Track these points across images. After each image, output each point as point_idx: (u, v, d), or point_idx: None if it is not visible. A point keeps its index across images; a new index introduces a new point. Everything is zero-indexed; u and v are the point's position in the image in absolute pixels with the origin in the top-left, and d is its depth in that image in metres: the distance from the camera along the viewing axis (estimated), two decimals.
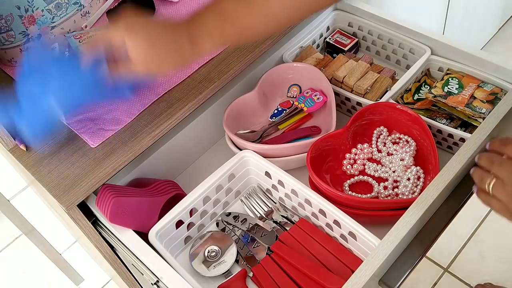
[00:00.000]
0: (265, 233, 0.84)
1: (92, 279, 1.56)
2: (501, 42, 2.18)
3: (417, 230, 0.74)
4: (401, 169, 0.87)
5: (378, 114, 0.90)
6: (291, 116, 0.98)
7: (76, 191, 0.78)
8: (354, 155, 0.91)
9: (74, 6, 0.96)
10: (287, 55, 1.02)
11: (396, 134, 0.90)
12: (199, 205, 0.84)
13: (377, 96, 0.95)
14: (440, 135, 0.90)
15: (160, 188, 0.84)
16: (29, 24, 0.91)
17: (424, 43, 0.99)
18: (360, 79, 0.97)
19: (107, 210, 0.76)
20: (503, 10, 2.11)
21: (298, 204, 0.85)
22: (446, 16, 1.68)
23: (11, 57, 0.96)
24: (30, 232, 1.35)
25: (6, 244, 1.45)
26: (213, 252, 0.83)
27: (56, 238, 1.43)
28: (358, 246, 0.77)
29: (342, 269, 0.77)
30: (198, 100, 0.87)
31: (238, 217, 0.88)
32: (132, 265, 0.86)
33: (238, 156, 0.87)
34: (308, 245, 0.81)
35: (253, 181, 0.92)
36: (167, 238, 0.81)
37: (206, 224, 0.89)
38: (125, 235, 0.79)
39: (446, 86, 0.94)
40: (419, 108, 0.94)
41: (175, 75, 0.90)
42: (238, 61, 0.91)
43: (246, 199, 0.90)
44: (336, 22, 1.12)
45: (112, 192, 0.77)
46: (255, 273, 0.80)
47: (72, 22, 0.97)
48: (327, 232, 0.83)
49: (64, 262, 1.48)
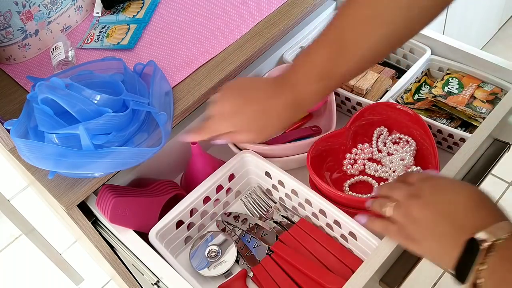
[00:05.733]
0: (265, 233, 0.84)
1: (92, 279, 1.56)
2: (501, 42, 2.18)
3: None
4: (402, 169, 0.87)
5: (378, 114, 0.90)
6: None
7: (76, 191, 0.78)
8: (355, 155, 0.91)
9: (68, 0, 0.96)
10: (287, 55, 1.02)
11: (396, 134, 0.90)
12: (200, 205, 0.84)
13: (377, 96, 0.95)
14: (440, 135, 0.90)
15: (160, 188, 0.84)
16: (27, 20, 0.91)
17: (424, 43, 0.99)
18: (360, 79, 0.97)
19: (108, 210, 0.76)
20: (503, 10, 2.11)
21: (298, 204, 0.85)
22: (446, 16, 1.68)
23: (9, 54, 0.97)
24: (30, 232, 1.35)
25: (6, 244, 1.45)
26: (214, 252, 0.82)
27: (56, 238, 1.43)
28: (358, 246, 0.77)
29: (343, 269, 0.77)
30: (198, 100, 0.87)
31: (238, 217, 0.88)
32: (132, 265, 0.86)
33: (238, 156, 0.87)
34: (308, 245, 0.81)
35: (253, 181, 0.92)
36: (167, 238, 0.81)
37: (207, 224, 0.89)
38: (126, 235, 0.79)
39: (446, 86, 0.94)
40: (419, 108, 0.94)
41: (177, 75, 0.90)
42: (238, 61, 0.91)
43: (246, 199, 0.90)
44: None
45: (112, 192, 0.77)
46: (255, 273, 0.80)
47: (67, 17, 0.98)
48: (328, 232, 0.83)
49: (64, 262, 1.48)
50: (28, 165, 0.81)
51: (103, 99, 0.75)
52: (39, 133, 0.74)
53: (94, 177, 0.78)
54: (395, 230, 0.62)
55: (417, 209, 0.60)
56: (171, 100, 0.86)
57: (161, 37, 0.99)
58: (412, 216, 0.60)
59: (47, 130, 0.72)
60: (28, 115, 0.77)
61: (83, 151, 0.71)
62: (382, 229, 0.65)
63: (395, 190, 0.65)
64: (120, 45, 0.98)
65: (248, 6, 1.01)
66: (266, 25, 0.97)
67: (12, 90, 0.94)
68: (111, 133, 0.74)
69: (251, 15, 0.99)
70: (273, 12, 0.99)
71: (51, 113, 0.73)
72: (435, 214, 0.58)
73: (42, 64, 0.99)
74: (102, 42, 0.99)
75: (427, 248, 0.58)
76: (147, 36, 1.00)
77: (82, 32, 1.04)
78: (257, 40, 0.95)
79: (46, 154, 0.71)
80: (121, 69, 0.84)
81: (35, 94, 0.74)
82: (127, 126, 0.76)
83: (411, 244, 0.60)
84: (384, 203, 0.64)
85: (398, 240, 0.64)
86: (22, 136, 0.74)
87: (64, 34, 1.03)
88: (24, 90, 0.94)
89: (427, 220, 0.58)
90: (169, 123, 0.81)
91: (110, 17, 1.05)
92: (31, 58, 1.00)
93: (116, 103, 0.76)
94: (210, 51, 0.94)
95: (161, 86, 0.85)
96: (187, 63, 0.93)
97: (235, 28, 0.97)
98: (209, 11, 1.02)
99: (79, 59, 0.98)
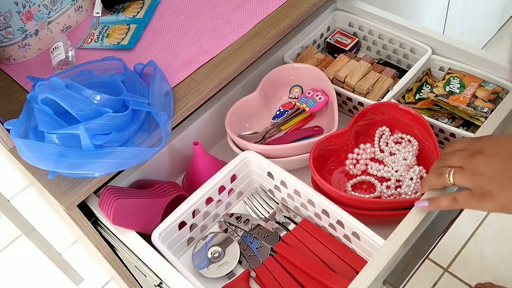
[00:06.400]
0: (268, 234, 0.84)
1: (92, 279, 1.55)
2: (501, 42, 2.19)
3: (421, 230, 0.74)
4: (404, 168, 0.87)
5: (380, 114, 0.90)
6: (293, 117, 0.98)
7: (76, 191, 0.78)
8: (357, 155, 0.90)
9: (68, 0, 0.96)
10: (287, 55, 1.02)
11: (398, 134, 0.90)
12: (202, 206, 0.84)
13: (379, 96, 0.94)
14: (442, 134, 0.90)
15: (162, 190, 0.84)
16: (27, 20, 0.91)
17: (425, 43, 0.99)
18: (361, 79, 0.96)
19: (110, 212, 0.75)
20: (503, 10, 2.11)
21: (300, 204, 0.85)
22: (446, 16, 1.68)
23: (9, 54, 0.96)
24: (30, 232, 1.34)
25: (6, 244, 1.45)
26: (216, 253, 0.82)
27: (56, 238, 1.43)
28: (361, 246, 0.77)
29: (346, 270, 0.76)
30: (198, 100, 0.87)
31: (240, 217, 0.87)
32: (134, 267, 0.85)
33: (240, 156, 0.86)
34: (311, 245, 0.80)
35: (255, 181, 0.91)
36: (170, 239, 0.81)
37: (209, 225, 0.89)
38: (128, 237, 0.79)
39: (447, 86, 0.94)
40: (421, 108, 0.94)
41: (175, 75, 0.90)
42: (239, 61, 0.91)
43: (249, 199, 0.90)
44: (337, 22, 1.11)
45: (114, 194, 0.77)
46: (258, 274, 0.80)
47: (67, 17, 0.97)
48: (330, 233, 0.83)
49: (64, 262, 1.48)
50: (28, 165, 0.80)
51: (103, 99, 0.74)
52: (39, 133, 0.74)
53: (94, 177, 0.78)
54: (466, 195, 0.60)
55: (483, 163, 0.58)
56: (171, 100, 0.86)
57: (161, 37, 0.99)
58: (480, 173, 0.58)
59: (47, 130, 0.72)
60: (28, 115, 0.77)
61: (83, 151, 0.71)
62: (450, 202, 0.62)
63: (447, 160, 0.63)
64: (120, 45, 0.98)
65: (248, 6, 1.01)
66: (266, 25, 0.97)
67: (12, 90, 0.94)
68: (111, 133, 0.73)
69: (251, 15, 0.99)
70: (273, 12, 0.99)
71: (51, 113, 0.73)
72: (504, 162, 0.56)
73: (42, 64, 0.98)
74: (102, 42, 0.99)
75: (508, 199, 0.56)
76: (147, 36, 1.00)
77: (82, 32, 1.03)
78: (257, 40, 0.94)
79: (46, 154, 0.71)
80: (121, 69, 0.84)
81: (35, 94, 0.74)
82: (127, 126, 0.76)
83: (488, 202, 0.57)
84: (442, 171, 0.62)
85: (472, 205, 0.60)
86: (22, 136, 0.74)
87: (64, 34, 1.02)
88: (24, 90, 0.93)
89: (498, 169, 0.57)
90: (169, 123, 0.81)
91: (110, 17, 1.05)
92: (31, 58, 1.00)
93: (116, 103, 0.76)
94: (210, 51, 0.94)
95: (161, 86, 0.85)
96: (187, 63, 0.92)
97: (235, 28, 0.97)
98: (209, 11, 1.02)
99: (79, 59, 0.97)
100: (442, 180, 0.62)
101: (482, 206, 0.59)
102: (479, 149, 0.59)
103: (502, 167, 0.56)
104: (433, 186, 0.66)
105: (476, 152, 0.59)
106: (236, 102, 0.94)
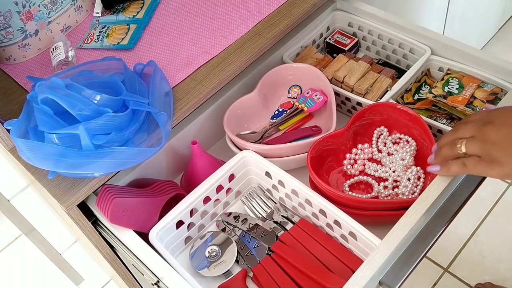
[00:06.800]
0: (265, 233, 0.84)
1: (92, 279, 1.55)
2: (501, 42, 2.18)
3: (418, 230, 0.74)
4: (402, 169, 0.87)
5: (378, 114, 0.90)
6: (291, 116, 0.98)
7: (76, 191, 0.78)
8: (355, 155, 0.91)
9: (68, 0, 0.96)
10: (287, 55, 1.02)
11: (396, 134, 0.90)
12: (200, 205, 0.84)
13: (378, 96, 0.95)
14: (440, 135, 0.90)
15: (160, 188, 0.84)
16: (26, 20, 0.91)
17: (424, 43, 0.99)
18: (360, 79, 0.97)
19: (108, 211, 0.76)
20: (503, 10, 2.11)
21: (298, 204, 0.85)
22: (446, 16, 1.68)
23: (9, 54, 0.97)
24: (30, 232, 1.34)
25: (6, 244, 1.45)
26: (214, 252, 0.83)
27: (56, 238, 1.43)
28: (358, 246, 0.77)
29: (343, 269, 0.77)
30: (198, 100, 0.87)
31: (238, 217, 0.88)
32: (132, 265, 0.86)
33: (238, 156, 0.87)
34: (309, 245, 0.81)
35: (253, 181, 0.92)
36: (167, 238, 0.81)
37: (207, 224, 0.89)
38: (126, 235, 0.79)
39: (446, 86, 0.94)
40: (419, 108, 0.94)
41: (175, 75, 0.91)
42: (238, 61, 0.91)
43: (247, 199, 0.90)
44: (336, 22, 1.12)
45: (112, 192, 0.77)
46: (255, 273, 0.80)
47: (67, 17, 0.98)
48: (328, 232, 0.83)
49: (64, 262, 1.48)
50: (28, 165, 0.81)
51: (103, 99, 0.75)
52: (39, 133, 0.74)
53: (94, 177, 0.78)
54: (475, 161, 0.63)
55: (493, 132, 0.61)
56: (171, 100, 0.86)
57: (161, 37, 0.99)
58: (490, 140, 0.61)
59: (47, 130, 0.72)
60: (28, 115, 0.77)
61: (83, 151, 0.71)
62: (460, 167, 0.65)
63: (459, 131, 0.65)
64: (120, 45, 0.98)
65: (248, 6, 1.01)
66: (266, 25, 0.97)
67: (12, 90, 0.94)
68: (111, 133, 0.74)
69: (251, 15, 0.99)
70: (273, 12, 0.99)
71: (51, 113, 0.73)
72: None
73: (42, 64, 0.99)
74: (102, 42, 0.99)
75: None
76: (147, 36, 1.00)
77: (82, 32, 1.04)
78: (257, 40, 0.94)
79: (46, 154, 0.71)
80: (121, 69, 0.84)
81: (35, 94, 0.74)
82: (127, 126, 0.76)
83: (495, 169, 0.61)
84: (455, 142, 0.65)
85: (480, 170, 0.63)
86: (22, 136, 0.74)
87: (64, 34, 1.03)
88: (24, 90, 0.94)
89: (507, 137, 0.59)
90: (169, 123, 0.81)
91: (110, 17, 1.05)
92: (31, 58, 1.00)
93: (116, 103, 0.76)
94: (210, 51, 0.94)
95: (161, 86, 0.85)
96: (187, 63, 0.93)
97: (235, 28, 0.97)
98: (209, 11, 1.02)
99: (79, 59, 0.98)
100: (455, 150, 0.65)
101: (489, 172, 0.62)
102: (490, 119, 0.62)
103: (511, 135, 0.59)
104: (447, 158, 0.69)
105: (487, 122, 0.62)
106: (235, 102, 0.94)
